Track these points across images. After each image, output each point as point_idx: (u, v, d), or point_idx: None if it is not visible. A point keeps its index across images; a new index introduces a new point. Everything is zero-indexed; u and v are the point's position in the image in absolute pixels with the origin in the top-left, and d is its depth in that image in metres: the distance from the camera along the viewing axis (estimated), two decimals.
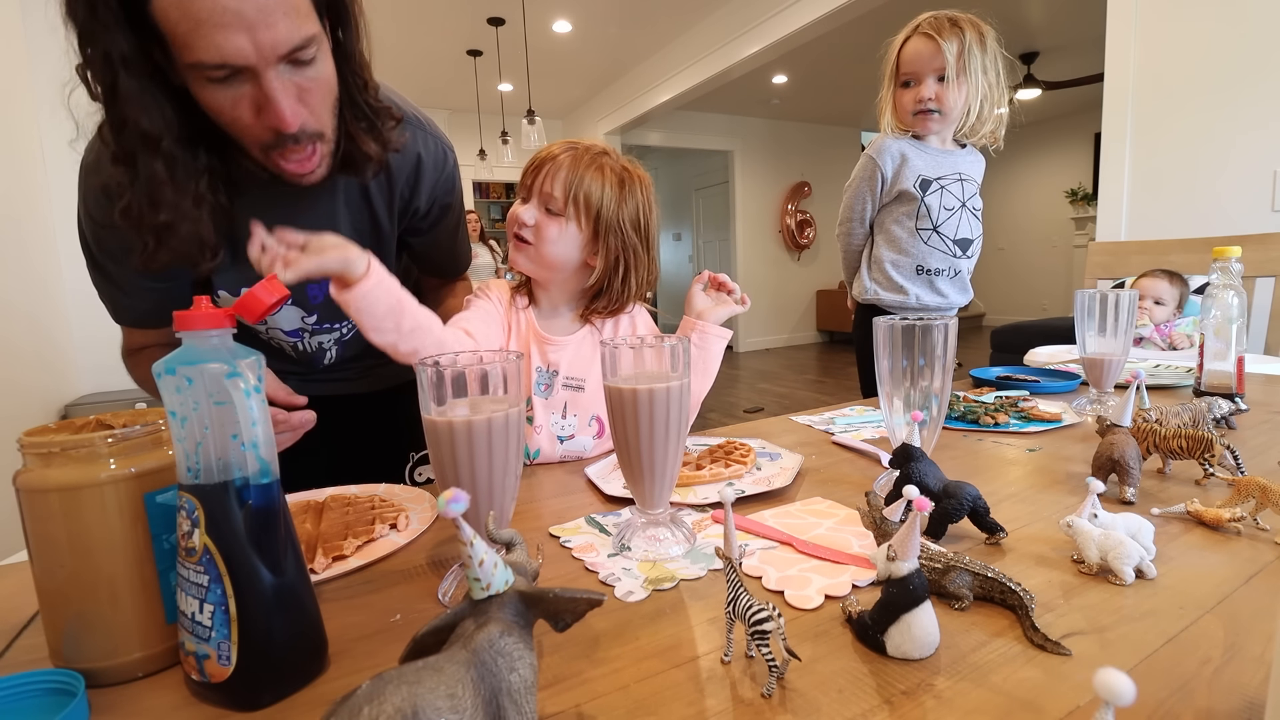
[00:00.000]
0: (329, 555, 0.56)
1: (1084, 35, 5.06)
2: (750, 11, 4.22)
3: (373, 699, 0.25)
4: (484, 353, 0.58)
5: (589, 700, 0.37)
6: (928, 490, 0.57)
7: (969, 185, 1.44)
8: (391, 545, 0.59)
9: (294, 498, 0.73)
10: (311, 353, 0.93)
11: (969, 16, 1.32)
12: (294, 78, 0.62)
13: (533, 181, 0.86)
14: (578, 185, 0.84)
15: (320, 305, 0.88)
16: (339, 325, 0.92)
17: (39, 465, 0.39)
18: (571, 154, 0.85)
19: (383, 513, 0.65)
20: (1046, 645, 0.39)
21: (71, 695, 0.38)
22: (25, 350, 2.15)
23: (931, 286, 1.44)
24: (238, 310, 0.42)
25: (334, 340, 0.93)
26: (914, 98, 1.35)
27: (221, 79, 0.59)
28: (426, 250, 0.98)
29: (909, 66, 1.34)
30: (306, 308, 0.88)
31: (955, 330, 0.69)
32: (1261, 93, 1.88)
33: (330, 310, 0.88)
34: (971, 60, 1.29)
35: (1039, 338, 2.17)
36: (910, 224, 1.42)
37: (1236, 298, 0.95)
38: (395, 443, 1.04)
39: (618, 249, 0.88)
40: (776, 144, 7.59)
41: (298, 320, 0.88)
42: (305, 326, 0.89)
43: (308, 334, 0.90)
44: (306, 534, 0.61)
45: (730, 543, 0.41)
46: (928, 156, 1.41)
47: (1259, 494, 0.55)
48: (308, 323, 0.89)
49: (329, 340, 0.93)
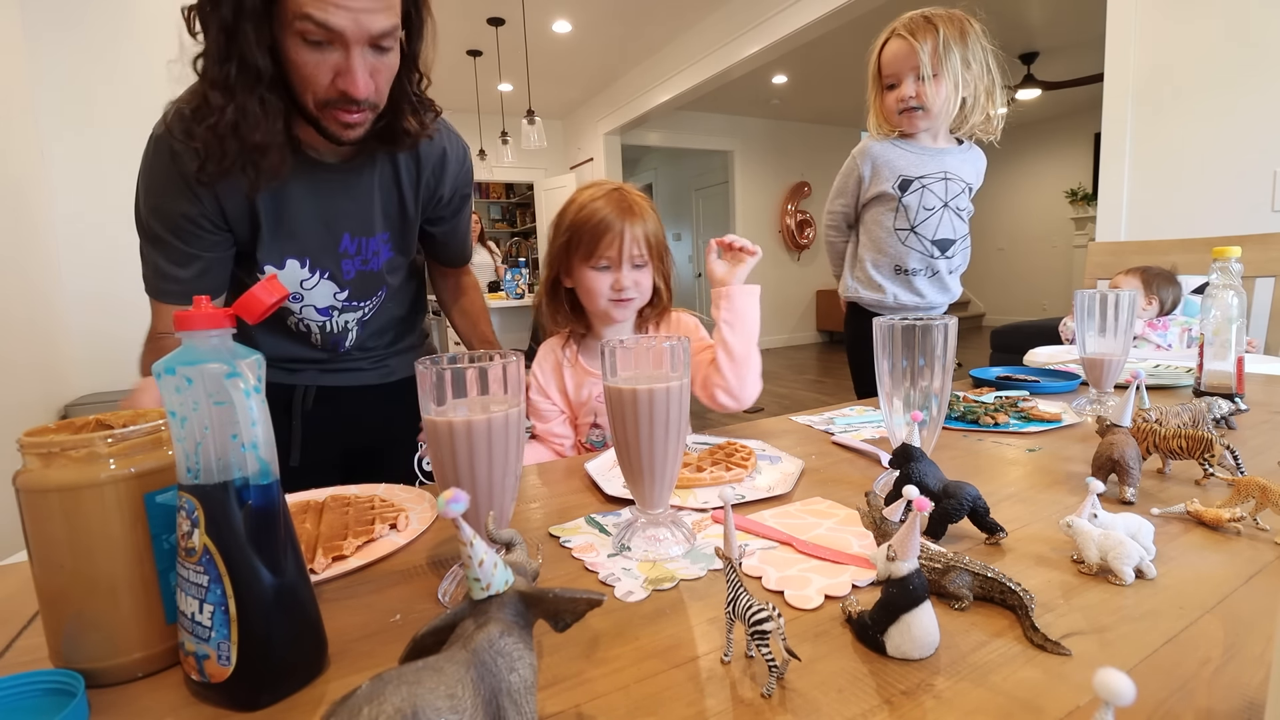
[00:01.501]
0: (329, 555, 0.56)
1: (1084, 35, 5.06)
2: (750, 11, 4.22)
3: (372, 699, 0.25)
4: (484, 353, 0.58)
5: (589, 700, 0.37)
6: (928, 490, 0.57)
7: (954, 184, 1.43)
8: (391, 545, 0.59)
9: (293, 498, 0.73)
10: (336, 334, 0.98)
11: (949, 12, 1.32)
12: (371, 58, 0.75)
13: (619, 248, 0.96)
14: (651, 233, 0.98)
15: (352, 281, 0.94)
16: (364, 303, 0.98)
17: (39, 465, 0.39)
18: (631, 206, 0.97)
19: (383, 513, 0.65)
20: (1047, 645, 0.39)
21: (71, 695, 0.38)
22: (25, 350, 2.15)
23: (909, 286, 1.46)
24: (238, 310, 0.42)
25: (357, 320, 0.99)
26: (896, 98, 1.37)
27: (316, 41, 0.71)
28: (447, 238, 1.07)
29: (889, 69, 1.37)
30: (340, 283, 0.93)
31: (955, 330, 0.69)
32: (1261, 93, 1.88)
33: (361, 287, 0.96)
34: (949, 56, 1.30)
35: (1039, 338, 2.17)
36: (889, 223, 1.44)
37: (1236, 298, 0.95)
38: (407, 431, 1.06)
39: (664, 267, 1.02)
40: (776, 144, 7.60)
41: (330, 297, 0.94)
42: (336, 304, 0.94)
43: (337, 311, 0.95)
44: (306, 534, 0.61)
45: (730, 543, 0.41)
46: (912, 156, 1.42)
47: (1259, 494, 0.55)
48: (339, 299, 0.94)
49: (353, 320, 0.98)
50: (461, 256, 1.14)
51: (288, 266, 0.89)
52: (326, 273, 0.91)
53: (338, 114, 0.77)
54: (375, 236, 0.93)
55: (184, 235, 0.82)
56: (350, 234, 0.91)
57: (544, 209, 7.09)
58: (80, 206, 2.55)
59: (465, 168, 1.01)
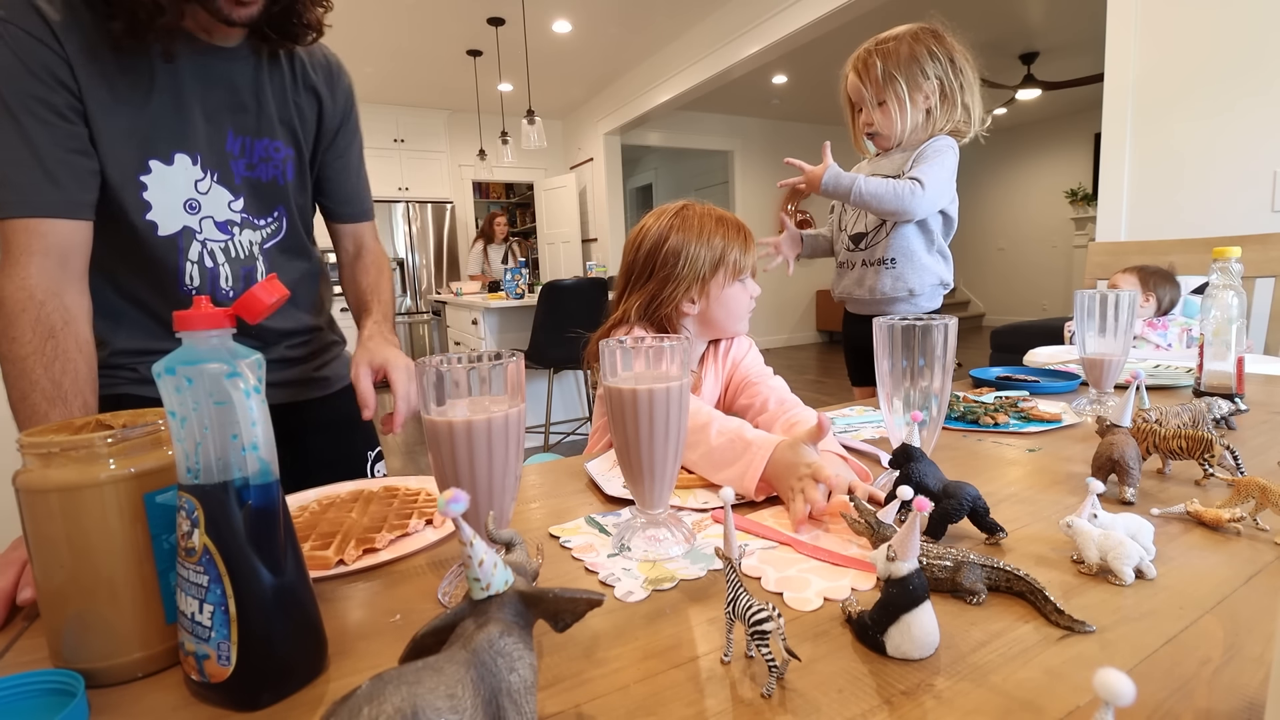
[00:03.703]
0: (360, 547, 0.57)
1: (1084, 35, 5.06)
2: (750, 11, 4.22)
3: (372, 699, 0.25)
4: (484, 353, 0.58)
5: (589, 700, 0.37)
6: (927, 490, 0.57)
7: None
8: (423, 541, 0.59)
9: (345, 486, 0.74)
10: (244, 259, 0.87)
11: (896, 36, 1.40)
12: None
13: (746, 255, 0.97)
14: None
15: (242, 188, 0.85)
16: (263, 220, 0.89)
17: (38, 465, 0.39)
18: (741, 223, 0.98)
19: (423, 507, 0.66)
20: (1074, 626, 0.41)
21: (71, 695, 0.38)
22: None
23: (842, 280, 1.62)
24: (238, 310, 0.42)
25: (260, 245, 0.89)
26: (863, 122, 1.50)
27: None
28: (340, 176, 0.98)
29: (853, 97, 1.51)
30: (232, 189, 0.84)
31: (955, 330, 0.69)
32: (1262, 93, 1.88)
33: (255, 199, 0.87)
34: (891, 85, 1.39)
35: (1039, 338, 2.17)
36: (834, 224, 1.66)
37: (1236, 298, 0.95)
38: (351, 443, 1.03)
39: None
40: (776, 144, 7.59)
41: (226, 208, 0.84)
42: (234, 216, 0.85)
43: (237, 227, 0.86)
44: (351, 523, 0.62)
45: (730, 543, 0.41)
46: (869, 164, 1.56)
47: (1259, 494, 0.55)
48: (234, 210, 0.85)
49: (256, 242, 0.88)
50: (359, 198, 1.02)
51: (177, 162, 0.79)
52: (216, 174, 0.82)
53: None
54: (264, 140, 0.86)
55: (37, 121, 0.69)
56: (234, 131, 0.84)
57: (544, 209, 7.09)
58: None
59: (347, 84, 0.96)
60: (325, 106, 0.93)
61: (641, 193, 9.26)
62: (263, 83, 0.85)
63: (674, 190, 8.60)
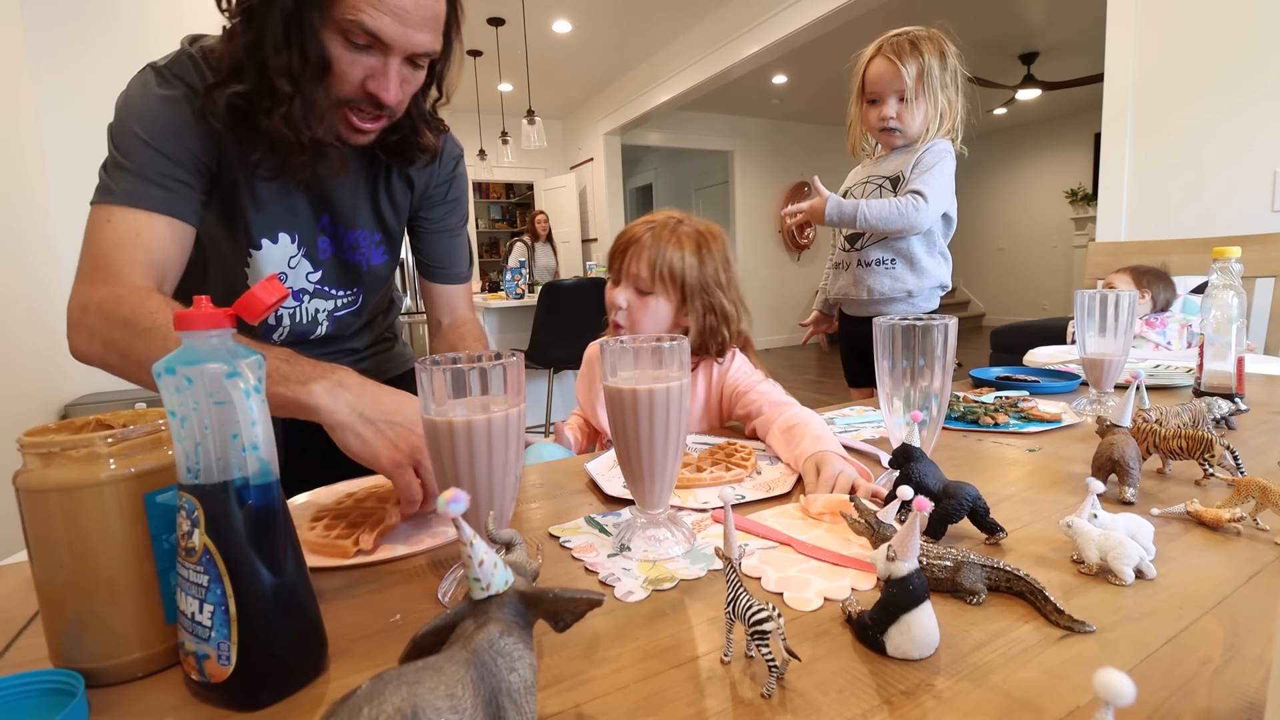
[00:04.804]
0: (374, 529, 0.58)
1: (1084, 35, 5.06)
2: (750, 11, 4.22)
3: (372, 699, 0.25)
4: (484, 353, 0.58)
5: (589, 700, 0.37)
6: (927, 490, 0.57)
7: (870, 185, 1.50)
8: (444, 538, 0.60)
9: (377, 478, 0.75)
10: (305, 324, 0.93)
11: (931, 33, 1.38)
12: (405, 70, 0.76)
13: (620, 264, 0.95)
14: (661, 261, 0.93)
15: (326, 263, 0.91)
16: (338, 292, 0.94)
17: (39, 465, 0.39)
18: (650, 231, 0.95)
19: None
20: (1074, 626, 0.41)
21: (71, 695, 0.38)
22: (25, 350, 2.15)
23: (838, 280, 1.62)
24: (238, 310, 0.42)
25: (329, 312, 0.95)
26: (878, 115, 1.43)
27: (360, 45, 0.72)
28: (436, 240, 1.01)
29: (873, 86, 1.42)
30: (315, 262, 0.90)
31: (955, 330, 0.69)
32: (1261, 93, 1.88)
33: (335, 273, 0.92)
34: (930, 80, 1.36)
35: (1039, 338, 2.17)
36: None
37: (1236, 298, 0.95)
38: None
39: (704, 308, 0.96)
40: (776, 144, 7.59)
41: (304, 279, 0.90)
42: (308, 287, 0.91)
43: (308, 295, 0.91)
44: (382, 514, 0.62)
45: (730, 543, 0.41)
46: (863, 169, 1.55)
47: (1259, 494, 0.55)
48: (311, 280, 0.91)
49: (324, 311, 0.94)
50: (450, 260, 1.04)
51: (280, 241, 0.86)
52: (304, 249, 0.88)
53: (355, 115, 0.77)
54: (356, 230, 0.91)
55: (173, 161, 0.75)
56: (330, 217, 0.89)
57: (544, 209, 7.09)
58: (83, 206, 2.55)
59: (453, 162, 0.98)
60: (418, 188, 0.96)
61: (641, 193, 9.26)
62: (359, 181, 0.89)
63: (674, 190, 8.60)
